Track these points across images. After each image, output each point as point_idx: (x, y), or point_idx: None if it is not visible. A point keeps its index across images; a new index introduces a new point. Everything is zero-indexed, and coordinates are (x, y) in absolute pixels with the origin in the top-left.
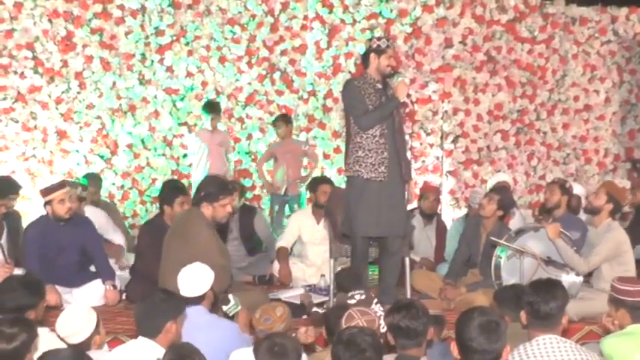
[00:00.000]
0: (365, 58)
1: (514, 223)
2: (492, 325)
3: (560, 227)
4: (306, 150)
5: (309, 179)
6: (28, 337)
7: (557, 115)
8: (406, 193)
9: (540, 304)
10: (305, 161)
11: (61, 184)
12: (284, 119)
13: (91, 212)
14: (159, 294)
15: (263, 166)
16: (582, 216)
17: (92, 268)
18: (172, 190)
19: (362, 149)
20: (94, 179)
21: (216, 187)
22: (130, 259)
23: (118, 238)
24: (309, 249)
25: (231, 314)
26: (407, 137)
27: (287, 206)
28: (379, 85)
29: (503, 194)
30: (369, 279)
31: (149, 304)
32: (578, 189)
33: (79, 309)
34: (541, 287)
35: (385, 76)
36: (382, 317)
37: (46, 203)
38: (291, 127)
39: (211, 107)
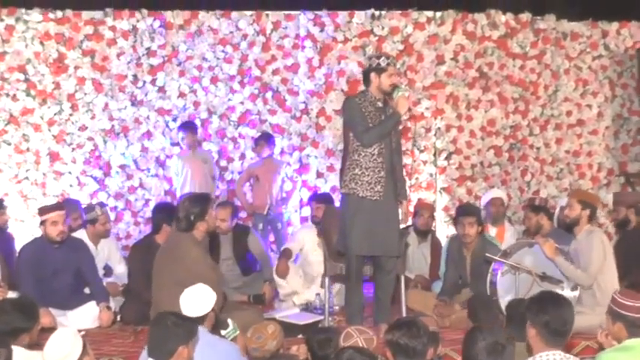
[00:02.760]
0: (365, 76)
1: (508, 239)
2: (499, 347)
3: (554, 244)
4: (285, 171)
5: (290, 200)
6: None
7: (550, 130)
8: (400, 212)
9: (557, 321)
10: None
11: (58, 206)
12: (265, 139)
13: (103, 244)
14: (171, 318)
15: (242, 187)
16: None
17: (86, 290)
18: (164, 212)
19: (359, 167)
20: (71, 205)
21: (197, 202)
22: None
23: (120, 268)
24: (311, 263)
25: (229, 338)
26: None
27: (269, 226)
28: (379, 104)
29: (476, 212)
30: (363, 297)
31: (162, 328)
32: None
33: (64, 334)
34: (555, 303)
35: (386, 93)
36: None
37: (41, 223)
38: (272, 147)
39: (184, 126)
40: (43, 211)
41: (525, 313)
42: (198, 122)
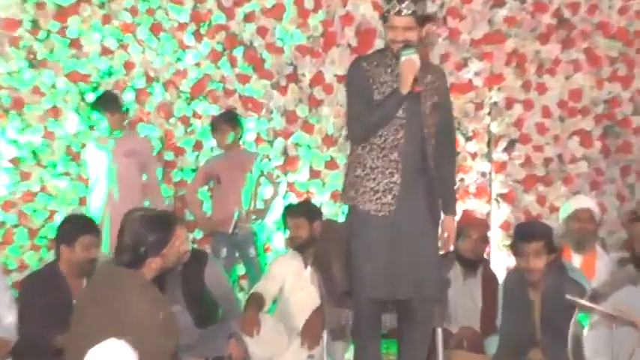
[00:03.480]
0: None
1: (601, 271)
2: None
3: None
4: (261, 168)
5: (269, 212)
6: None
7: None
8: (439, 233)
9: None
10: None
11: None
12: (229, 120)
13: None
14: None
15: (197, 192)
16: None
17: None
18: (76, 224)
19: (362, 166)
20: None
21: (156, 227)
22: None
23: (10, 317)
24: (294, 304)
25: None
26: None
27: (237, 252)
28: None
29: (545, 234)
30: None
31: None
32: None
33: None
34: None
35: (396, 56)
36: None
37: None
38: (239, 133)
39: (100, 102)
40: None
41: None
42: (131, 92)
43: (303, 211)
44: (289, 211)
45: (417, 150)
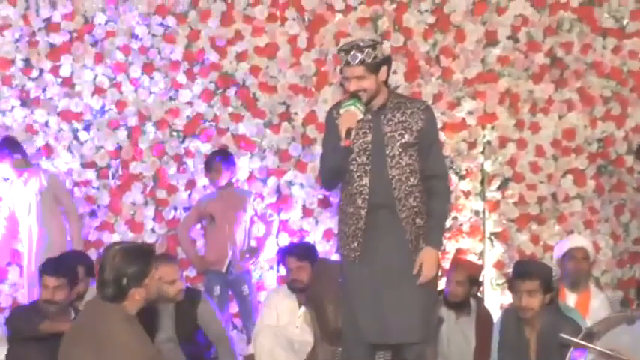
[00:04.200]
0: None
1: (595, 310)
2: None
3: None
4: (255, 207)
5: (262, 252)
6: None
7: None
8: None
9: None
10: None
11: None
12: (223, 159)
13: None
14: None
15: (189, 231)
16: None
17: None
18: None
19: (342, 212)
20: None
21: (135, 258)
22: None
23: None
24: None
25: None
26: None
27: (231, 290)
28: (368, 115)
29: (540, 273)
30: None
31: None
32: None
33: None
34: None
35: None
36: None
37: None
38: (233, 172)
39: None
40: None
41: None
42: (124, 131)
43: (307, 255)
44: (293, 252)
45: (384, 193)
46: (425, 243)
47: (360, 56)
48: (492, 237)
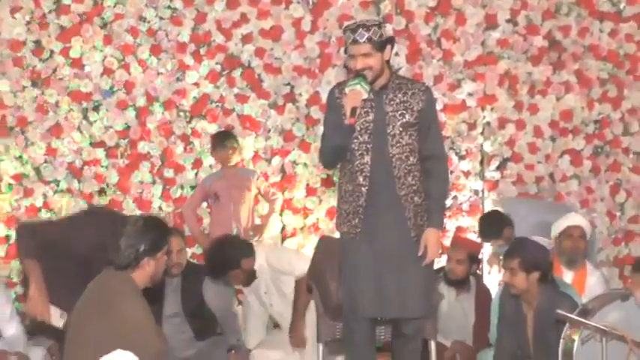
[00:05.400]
0: None
1: (591, 287)
2: None
3: None
4: (258, 185)
5: (266, 229)
6: None
7: None
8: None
9: None
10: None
11: None
12: (226, 139)
13: None
14: None
15: (195, 209)
16: None
17: None
18: None
19: (341, 190)
20: None
21: (152, 229)
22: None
23: (12, 329)
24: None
25: None
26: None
27: None
28: (371, 94)
29: (522, 252)
30: None
31: None
32: None
33: None
34: None
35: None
36: None
37: None
38: (236, 150)
39: None
40: None
41: None
42: (132, 111)
43: None
44: None
45: (384, 171)
46: (427, 224)
47: (366, 34)
48: (503, 200)
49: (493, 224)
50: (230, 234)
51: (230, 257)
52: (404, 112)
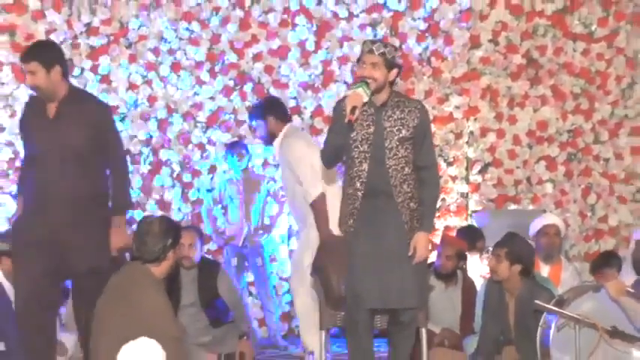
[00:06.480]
0: None
1: (566, 280)
2: None
3: (625, 284)
4: (268, 188)
5: (275, 227)
6: None
7: (624, 136)
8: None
9: None
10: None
11: None
12: (241, 146)
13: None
14: None
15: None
16: None
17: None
18: None
19: (343, 193)
20: None
21: (173, 227)
22: None
23: None
24: None
25: None
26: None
27: (246, 262)
28: (372, 109)
29: (510, 244)
30: (374, 357)
31: None
32: None
33: None
34: None
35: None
36: None
37: None
38: (248, 156)
39: None
40: None
41: None
42: (154, 122)
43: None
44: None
45: (381, 179)
46: (418, 228)
47: (383, 49)
48: (474, 215)
49: (467, 237)
50: None
51: None
52: (401, 127)
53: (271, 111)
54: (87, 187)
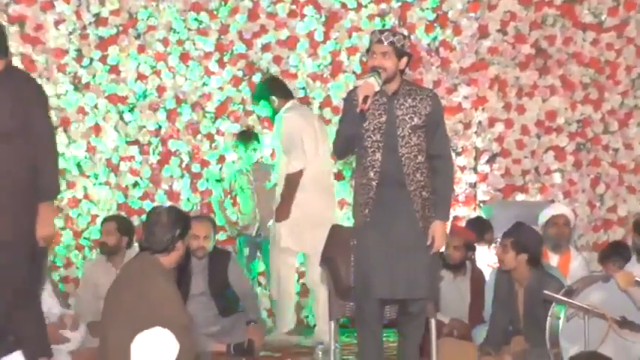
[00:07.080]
0: None
1: (574, 270)
2: None
3: (634, 274)
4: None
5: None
6: None
7: (633, 126)
8: (431, 239)
9: None
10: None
11: None
12: (250, 137)
13: None
14: None
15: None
16: None
17: None
18: None
19: (356, 183)
20: None
21: (182, 218)
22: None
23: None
24: None
25: None
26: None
27: (259, 252)
28: (384, 98)
29: (516, 234)
30: (383, 347)
31: None
32: None
33: None
34: None
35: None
36: None
37: None
38: (259, 147)
39: None
40: None
41: None
42: (163, 112)
43: None
44: None
45: (394, 168)
46: (435, 217)
47: (392, 38)
48: (481, 205)
49: (476, 229)
50: None
51: None
52: (413, 115)
53: (273, 90)
54: (13, 169)
